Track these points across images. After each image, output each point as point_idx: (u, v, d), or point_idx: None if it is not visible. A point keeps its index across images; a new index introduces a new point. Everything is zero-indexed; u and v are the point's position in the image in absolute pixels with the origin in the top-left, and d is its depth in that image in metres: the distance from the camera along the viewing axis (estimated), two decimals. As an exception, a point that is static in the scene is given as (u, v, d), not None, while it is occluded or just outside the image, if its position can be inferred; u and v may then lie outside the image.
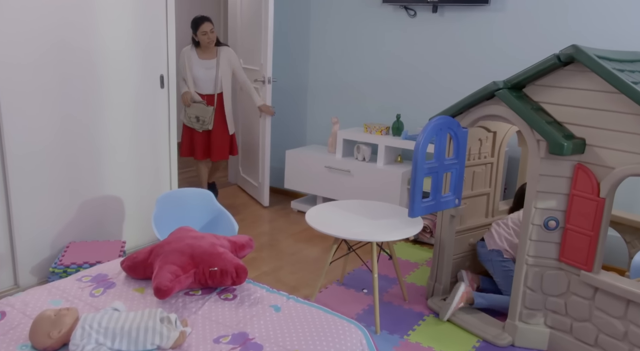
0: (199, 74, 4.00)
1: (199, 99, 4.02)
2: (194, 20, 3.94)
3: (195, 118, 4.00)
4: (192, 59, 4.00)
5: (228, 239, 1.81)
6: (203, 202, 2.75)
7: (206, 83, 4.03)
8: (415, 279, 3.22)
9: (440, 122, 2.52)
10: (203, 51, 4.01)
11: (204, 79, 4.02)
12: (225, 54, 4.05)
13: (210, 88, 4.05)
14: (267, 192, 4.45)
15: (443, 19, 3.81)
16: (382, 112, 4.20)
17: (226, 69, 4.05)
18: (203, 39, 3.92)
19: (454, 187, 2.69)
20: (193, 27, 3.95)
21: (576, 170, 2.29)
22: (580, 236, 2.30)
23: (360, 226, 2.65)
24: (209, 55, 4.02)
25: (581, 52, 2.16)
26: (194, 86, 4.04)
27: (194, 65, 4.00)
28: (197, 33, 3.93)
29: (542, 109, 2.40)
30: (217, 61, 4.00)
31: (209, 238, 1.79)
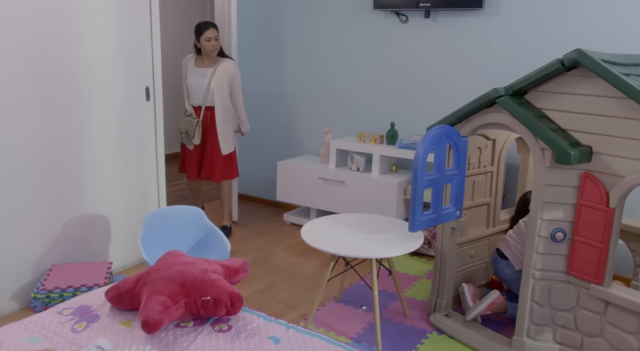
0: (191, 82, 3.69)
1: (191, 111, 3.74)
2: (197, 25, 3.65)
3: (184, 132, 3.74)
4: (188, 67, 3.73)
5: (221, 264, 1.68)
6: (193, 220, 2.62)
7: (197, 93, 3.70)
8: (415, 293, 3.10)
9: (439, 132, 2.41)
10: (202, 59, 3.71)
11: (195, 88, 3.68)
12: (225, 66, 3.70)
13: (200, 99, 3.71)
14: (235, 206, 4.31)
15: (436, 24, 3.72)
16: (376, 120, 4.10)
17: (221, 82, 3.67)
18: (206, 46, 3.61)
19: (455, 198, 2.59)
20: (196, 33, 3.65)
21: (583, 179, 2.19)
22: (589, 248, 2.20)
23: (358, 241, 2.54)
24: (207, 63, 3.70)
25: (586, 57, 2.07)
26: (188, 96, 3.76)
27: (188, 73, 3.72)
28: (201, 39, 3.62)
29: (545, 116, 2.31)
30: (214, 70, 3.65)
31: (200, 263, 1.66)
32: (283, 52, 4.45)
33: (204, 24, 3.63)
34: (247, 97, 4.70)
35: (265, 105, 4.64)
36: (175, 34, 4.07)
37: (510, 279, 2.76)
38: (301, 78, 4.41)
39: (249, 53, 4.63)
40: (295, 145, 4.56)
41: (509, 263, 2.79)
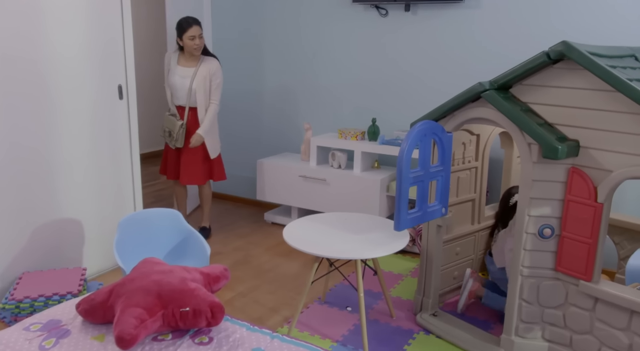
0: (174, 81, 3.51)
1: (174, 110, 3.57)
2: (179, 23, 3.43)
3: (167, 132, 3.57)
4: (171, 65, 3.55)
5: (200, 272, 1.59)
6: (170, 223, 2.52)
7: (180, 93, 3.52)
8: (400, 292, 3.04)
9: (424, 128, 2.35)
10: (185, 58, 3.53)
11: (179, 88, 3.51)
12: (207, 66, 3.50)
13: (184, 99, 3.53)
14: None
15: (416, 17, 3.66)
16: (357, 116, 4.03)
17: (203, 82, 3.48)
18: (189, 44, 3.41)
19: (440, 195, 2.53)
20: (178, 31, 3.43)
21: (571, 174, 2.15)
22: (577, 244, 2.16)
23: (342, 241, 2.46)
24: (189, 63, 3.52)
25: (573, 49, 2.02)
26: (172, 95, 3.59)
27: (171, 71, 3.54)
28: (183, 37, 3.41)
29: (531, 110, 2.26)
30: (196, 70, 3.47)
31: (178, 271, 1.57)
32: (261, 48, 4.35)
33: (186, 21, 3.41)
34: (224, 94, 4.58)
35: (243, 102, 4.54)
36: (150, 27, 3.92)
37: (497, 278, 2.73)
38: (280, 74, 4.31)
39: (225, 49, 4.51)
40: (275, 142, 4.47)
41: (491, 260, 2.77)
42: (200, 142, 3.54)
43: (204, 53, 3.57)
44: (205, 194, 3.82)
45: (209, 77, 3.52)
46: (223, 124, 4.54)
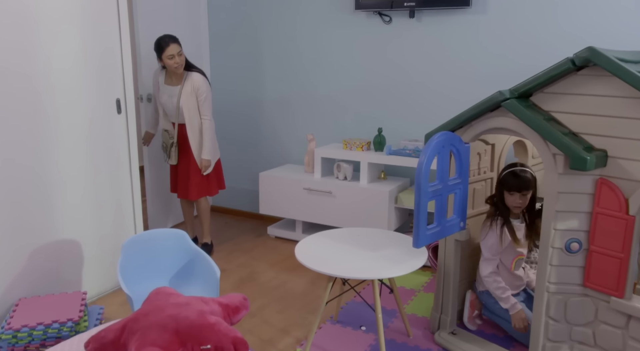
0: (163, 100, 3.49)
1: (169, 127, 3.54)
2: (157, 42, 3.33)
3: (164, 147, 3.59)
4: (159, 83, 3.51)
5: (218, 302, 1.47)
6: (176, 244, 2.39)
7: (170, 111, 3.51)
8: (415, 309, 2.93)
9: (442, 139, 2.25)
10: (170, 76, 3.47)
11: (168, 107, 3.49)
12: (191, 82, 3.41)
13: (174, 117, 3.50)
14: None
15: (421, 24, 3.57)
16: (362, 126, 3.92)
17: (189, 99, 3.40)
18: (169, 63, 3.33)
19: (459, 209, 2.43)
20: (157, 50, 3.34)
21: (599, 185, 2.05)
22: (607, 258, 2.06)
23: (357, 259, 2.35)
24: (174, 81, 3.45)
25: (599, 55, 1.93)
26: (163, 112, 3.55)
27: (160, 90, 3.50)
28: (162, 57, 3.33)
29: (553, 119, 2.16)
30: (181, 88, 3.40)
31: (195, 303, 1.44)
32: (261, 57, 4.24)
33: (163, 41, 3.31)
34: (223, 104, 4.47)
35: (244, 112, 4.42)
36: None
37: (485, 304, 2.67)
38: (281, 83, 4.20)
39: (224, 58, 4.40)
40: (277, 154, 4.35)
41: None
42: (210, 166, 3.54)
43: (187, 68, 3.45)
44: (202, 209, 3.71)
45: (194, 93, 3.43)
46: (221, 135, 4.41)
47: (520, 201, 2.49)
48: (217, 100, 4.47)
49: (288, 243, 3.95)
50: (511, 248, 2.54)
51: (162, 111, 3.54)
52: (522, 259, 2.64)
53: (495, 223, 2.52)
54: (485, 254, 2.56)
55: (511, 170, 2.51)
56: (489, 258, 2.55)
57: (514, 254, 2.58)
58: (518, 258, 2.60)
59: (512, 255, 2.58)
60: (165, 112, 3.53)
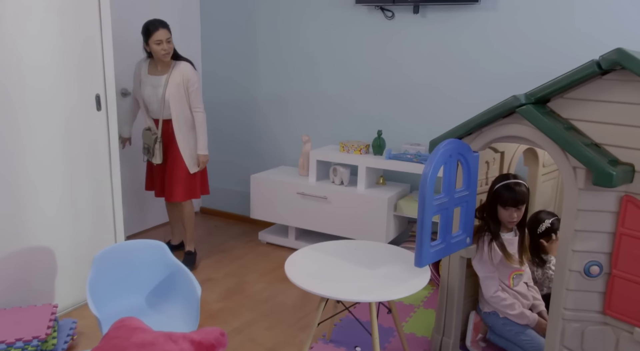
0: (146, 92, 3.17)
1: (151, 124, 3.23)
2: (145, 25, 3.07)
3: (146, 148, 3.27)
4: (142, 75, 3.19)
5: (190, 340, 1.25)
6: (154, 256, 2.17)
7: (153, 105, 3.18)
8: (413, 327, 2.72)
9: (449, 148, 2.03)
10: (155, 65, 3.17)
11: (151, 100, 3.17)
12: (180, 71, 3.12)
13: (157, 112, 3.19)
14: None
15: (426, 20, 3.35)
16: (360, 128, 3.70)
17: (176, 90, 3.12)
18: (157, 49, 3.05)
19: (465, 223, 2.22)
20: (144, 34, 3.07)
21: (624, 203, 1.84)
22: (632, 284, 1.85)
23: (355, 278, 2.14)
24: (160, 70, 3.15)
25: (631, 58, 1.72)
26: (145, 107, 3.23)
27: (142, 81, 3.18)
28: (149, 42, 3.05)
29: (573, 127, 1.95)
30: (167, 78, 3.10)
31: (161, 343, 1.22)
32: (255, 54, 4.01)
33: (152, 24, 3.05)
34: (216, 99, 4.24)
35: (237, 111, 4.19)
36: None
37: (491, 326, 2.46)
38: (276, 82, 3.97)
39: (216, 53, 4.17)
40: (270, 155, 4.13)
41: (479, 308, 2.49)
42: (206, 161, 3.30)
43: (175, 58, 3.17)
44: (186, 214, 3.39)
45: (184, 84, 3.14)
46: (212, 132, 4.19)
47: (515, 215, 2.30)
48: (209, 95, 4.24)
49: (280, 249, 3.74)
50: (504, 263, 2.33)
51: (143, 106, 3.22)
52: (521, 275, 2.43)
53: (482, 238, 2.32)
54: (481, 274, 2.35)
55: (505, 183, 2.29)
56: (488, 275, 2.35)
57: (510, 269, 2.37)
58: (515, 273, 2.39)
59: (507, 271, 2.37)
60: (147, 108, 3.22)
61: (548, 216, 2.58)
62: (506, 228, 2.37)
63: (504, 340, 2.38)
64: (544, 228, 2.54)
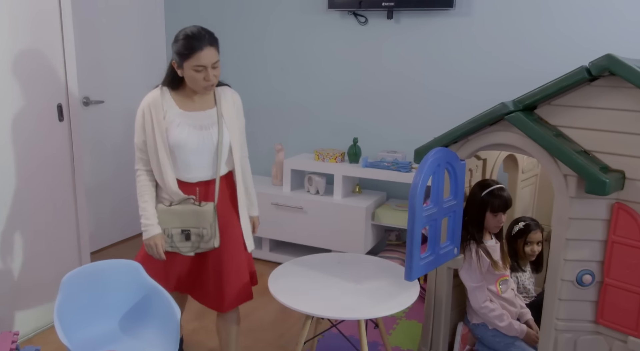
0: (188, 140, 1.97)
1: (182, 194, 2.01)
2: (186, 39, 1.91)
3: (179, 235, 2.03)
4: (169, 114, 1.98)
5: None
6: (127, 277, 2.02)
7: (199, 159, 2.01)
8: (398, 340, 2.65)
9: (438, 157, 1.97)
10: (189, 96, 2.03)
11: (197, 150, 1.99)
12: (229, 98, 2.13)
13: (207, 167, 2.03)
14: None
15: (400, 26, 3.31)
16: (335, 135, 3.62)
17: (237, 127, 2.11)
18: (196, 78, 1.93)
19: (452, 233, 2.16)
20: (182, 54, 1.91)
21: (616, 211, 1.82)
22: (625, 293, 1.83)
23: (341, 294, 2.05)
24: (200, 102, 2.04)
25: (621, 64, 1.70)
26: (171, 167, 1.99)
27: (171, 125, 1.97)
28: (186, 65, 1.91)
29: (562, 134, 1.92)
30: (219, 111, 2.05)
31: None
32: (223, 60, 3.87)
33: (196, 39, 1.91)
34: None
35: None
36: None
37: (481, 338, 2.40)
38: (246, 89, 3.85)
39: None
40: (241, 164, 4.00)
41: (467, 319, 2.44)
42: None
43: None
44: (233, 336, 2.21)
45: (237, 116, 2.14)
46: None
47: (503, 219, 2.28)
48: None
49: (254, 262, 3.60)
50: (490, 270, 2.29)
51: (172, 166, 1.99)
52: (507, 280, 2.40)
53: (468, 247, 2.27)
54: (469, 284, 2.30)
55: (490, 190, 2.25)
56: (476, 285, 2.30)
57: (495, 276, 2.33)
58: (501, 279, 2.36)
59: (493, 278, 2.33)
60: (185, 166, 2.01)
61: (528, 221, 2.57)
62: (488, 235, 2.34)
63: None
64: (517, 229, 2.51)
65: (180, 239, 2.04)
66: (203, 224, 2.02)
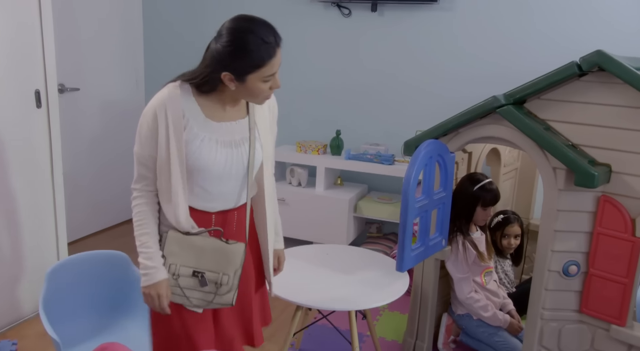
0: (214, 162, 1.48)
1: (195, 228, 1.50)
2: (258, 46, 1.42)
3: (189, 277, 1.49)
4: (190, 124, 1.45)
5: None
6: (114, 269, 1.97)
7: (224, 185, 1.52)
8: (382, 331, 2.67)
9: (430, 149, 1.99)
10: (219, 102, 1.51)
11: (223, 174, 1.50)
12: (266, 105, 1.60)
13: (232, 195, 1.55)
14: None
15: (384, 18, 3.31)
16: (317, 127, 3.61)
17: (269, 139, 1.62)
18: (261, 89, 1.44)
19: (441, 225, 2.18)
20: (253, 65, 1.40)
21: (602, 203, 1.87)
22: (609, 283, 1.88)
23: (332, 285, 2.05)
24: (231, 110, 1.53)
25: (611, 60, 1.75)
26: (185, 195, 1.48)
27: (194, 140, 1.45)
28: (253, 77, 1.41)
29: (550, 128, 1.96)
30: (252, 120, 1.55)
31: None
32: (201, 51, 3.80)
33: (269, 43, 1.43)
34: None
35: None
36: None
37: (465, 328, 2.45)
38: (226, 78, 3.80)
39: (158, 52, 3.93)
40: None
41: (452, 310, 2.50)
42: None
43: None
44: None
45: (273, 130, 1.66)
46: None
47: (490, 213, 2.36)
48: (152, 94, 3.99)
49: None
50: (476, 262, 2.34)
51: (182, 187, 1.46)
52: (491, 272, 2.45)
53: (455, 239, 2.31)
54: (455, 275, 2.34)
55: (481, 185, 2.29)
56: (462, 276, 2.33)
57: (480, 267, 2.38)
58: (486, 270, 2.41)
59: (478, 270, 2.38)
60: (208, 193, 1.51)
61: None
62: (473, 227, 2.38)
63: (477, 341, 2.37)
64: (496, 222, 2.56)
65: (189, 284, 1.47)
66: (225, 269, 1.48)
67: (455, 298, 2.38)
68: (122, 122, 3.76)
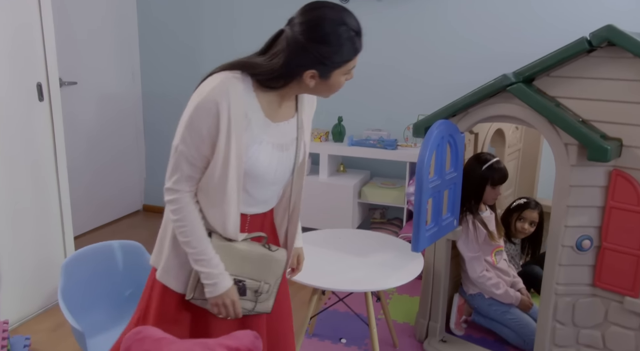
0: (269, 168, 1.36)
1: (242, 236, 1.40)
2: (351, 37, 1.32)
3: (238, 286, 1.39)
4: (252, 124, 1.31)
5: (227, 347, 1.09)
6: (128, 258, 1.96)
7: (270, 190, 1.43)
8: (394, 314, 2.68)
9: (441, 129, 2.00)
10: (278, 99, 1.36)
11: (274, 180, 1.40)
12: (309, 102, 1.50)
13: (273, 198, 1.48)
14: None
15: (382, 4, 3.30)
16: (319, 114, 3.57)
17: (309, 138, 1.52)
18: (341, 83, 1.37)
19: (452, 205, 2.20)
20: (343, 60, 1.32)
21: (614, 177, 1.89)
22: (622, 256, 1.91)
23: (348, 268, 2.06)
24: (284, 109, 1.39)
25: (622, 35, 1.76)
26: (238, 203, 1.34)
27: (253, 142, 1.32)
28: (338, 72, 1.33)
29: (559, 105, 1.97)
30: (300, 118, 1.44)
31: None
32: (200, 42, 3.78)
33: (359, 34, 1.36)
34: (158, 92, 3.96)
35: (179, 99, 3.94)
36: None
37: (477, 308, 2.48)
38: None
39: (154, 45, 3.89)
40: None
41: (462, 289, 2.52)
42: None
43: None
44: None
45: (310, 124, 1.53)
46: (157, 133, 3.90)
47: (500, 192, 2.38)
48: (154, 85, 3.96)
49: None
50: (486, 241, 2.36)
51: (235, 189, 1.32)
52: (502, 251, 2.47)
53: (465, 219, 2.32)
54: (467, 254, 2.36)
55: (489, 164, 2.31)
56: (473, 255, 2.35)
57: (491, 246, 2.40)
58: (497, 249, 2.43)
59: (489, 249, 2.40)
60: (253, 198, 1.41)
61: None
62: (483, 206, 2.40)
63: (490, 320, 2.40)
64: (516, 204, 2.58)
65: (243, 292, 1.39)
66: (267, 277, 1.40)
67: (467, 278, 2.40)
68: (120, 114, 3.72)
